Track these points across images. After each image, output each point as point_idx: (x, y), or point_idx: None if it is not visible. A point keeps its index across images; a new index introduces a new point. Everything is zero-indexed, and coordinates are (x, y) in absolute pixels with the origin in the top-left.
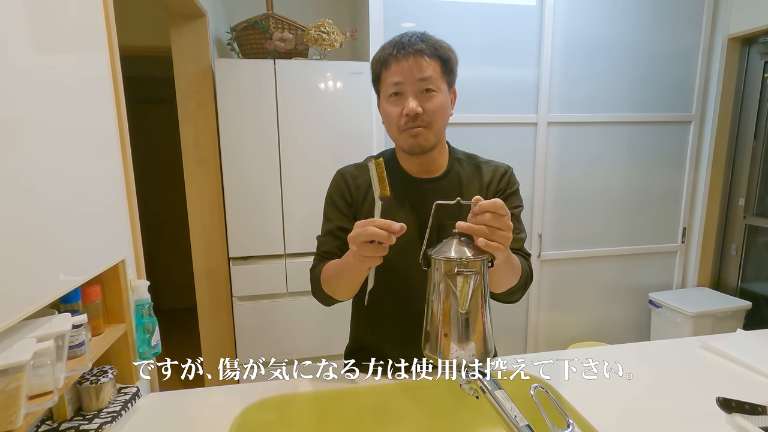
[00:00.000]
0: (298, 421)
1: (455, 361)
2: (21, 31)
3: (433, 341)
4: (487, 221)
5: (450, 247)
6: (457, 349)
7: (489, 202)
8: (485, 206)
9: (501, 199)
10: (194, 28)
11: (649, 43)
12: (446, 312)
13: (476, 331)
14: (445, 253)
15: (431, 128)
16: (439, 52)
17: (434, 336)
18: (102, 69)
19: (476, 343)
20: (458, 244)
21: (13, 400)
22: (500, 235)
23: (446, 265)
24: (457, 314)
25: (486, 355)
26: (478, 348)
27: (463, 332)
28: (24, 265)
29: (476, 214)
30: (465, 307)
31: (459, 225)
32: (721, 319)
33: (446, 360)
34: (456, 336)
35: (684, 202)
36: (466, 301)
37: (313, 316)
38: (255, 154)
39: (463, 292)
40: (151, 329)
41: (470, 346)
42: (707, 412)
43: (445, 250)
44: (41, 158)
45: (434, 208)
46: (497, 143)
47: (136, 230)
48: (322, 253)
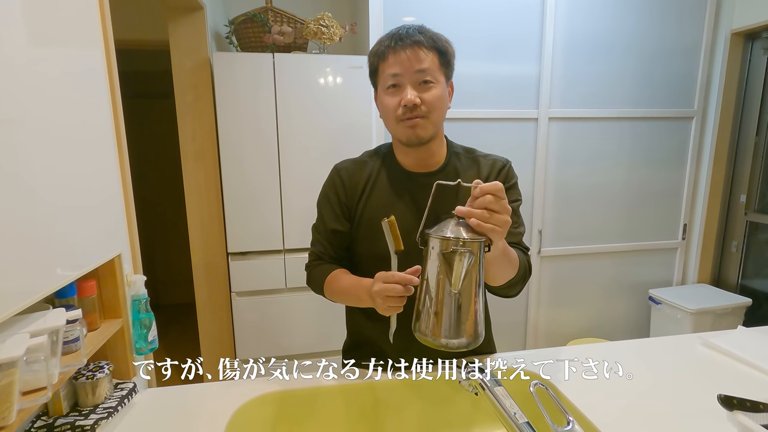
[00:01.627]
0: (295, 417)
1: (443, 344)
2: (15, 24)
3: (424, 321)
4: (487, 203)
5: (447, 227)
6: (447, 330)
7: (489, 185)
8: (486, 188)
9: None
10: (192, 21)
11: (651, 39)
12: (439, 292)
13: (468, 312)
14: (441, 232)
15: (429, 119)
16: (437, 44)
17: (425, 316)
18: (97, 63)
19: (467, 325)
20: (455, 225)
21: (6, 396)
22: (498, 218)
23: (442, 244)
24: (449, 294)
25: (476, 338)
26: (469, 330)
27: (455, 313)
28: (18, 259)
29: (476, 197)
30: (458, 286)
31: (458, 209)
32: (721, 316)
33: (436, 341)
34: (447, 316)
35: (685, 198)
36: (459, 281)
37: (311, 312)
38: (253, 149)
39: (456, 271)
40: (148, 324)
41: (461, 328)
42: (708, 409)
43: (441, 229)
44: (35, 152)
45: (434, 188)
46: (498, 138)
47: (133, 225)
48: (317, 253)
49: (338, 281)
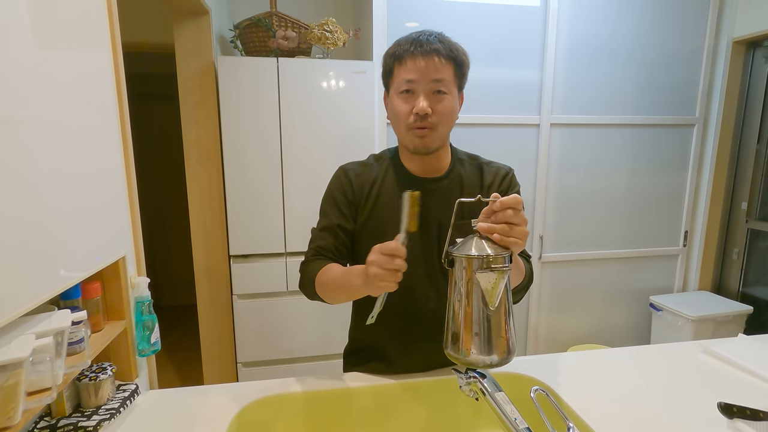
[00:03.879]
0: (296, 420)
1: (477, 362)
2: (23, 26)
3: (457, 342)
4: (508, 218)
5: (471, 245)
6: (482, 349)
7: (509, 198)
8: (506, 203)
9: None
10: (197, 25)
11: (653, 46)
12: (471, 311)
13: (502, 329)
14: (468, 251)
15: (437, 130)
16: (455, 54)
17: (459, 336)
18: (104, 65)
19: (501, 342)
20: (479, 241)
21: (12, 397)
22: (518, 231)
23: (475, 263)
24: (482, 313)
25: (510, 354)
26: (502, 347)
27: (489, 331)
28: (23, 261)
29: (496, 211)
30: (494, 304)
31: (480, 226)
32: (722, 323)
33: (470, 359)
34: (481, 336)
35: (686, 205)
36: (496, 299)
37: (312, 316)
38: (257, 152)
39: (495, 290)
40: (151, 326)
41: (496, 345)
42: (708, 416)
43: (467, 248)
44: (41, 154)
45: (456, 206)
46: (499, 144)
47: (137, 227)
48: (317, 248)
49: (330, 272)
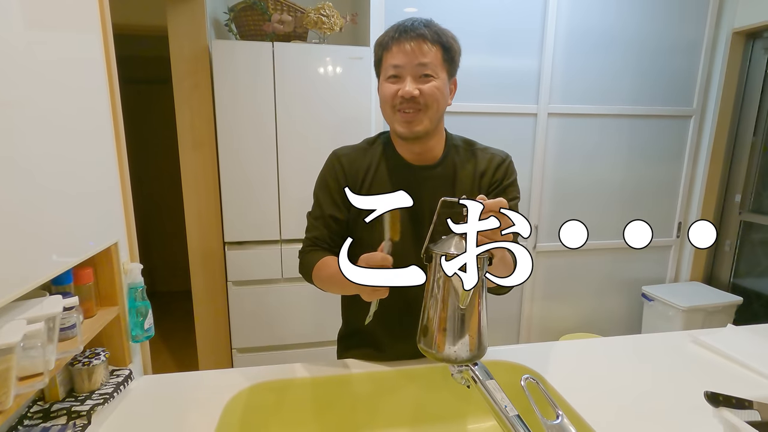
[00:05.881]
0: (290, 405)
1: (450, 357)
2: (11, 8)
3: (429, 336)
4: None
5: (451, 243)
6: (452, 345)
7: (492, 203)
8: (489, 207)
9: (497, 191)
10: (191, 7)
11: (653, 36)
12: (444, 308)
13: (472, 327)
14: (446, 249)
15: (426, 112)
16: (442, 38)
17: (430, 331)
18: (95, 48)
19: (471, 340)
20: (459, 241)
21: (3, 382)
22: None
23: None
24: (455, 310)
25: (481, 351)
26: (473, 344)
27: (460, 328)
28: (15, 246)
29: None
30: (465, 303)
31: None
32: (712, 313)
33: (440, 354)
34: (452, 332)
35: (681, 196)
36: (467, 298)
37: (307, 302)
38: (252, 138)
39: (467, 290)
40: (144, 312)
41: (465, 341)
42: (695, 405)
43: (446, 246)
44: (32, 137)
45: (439, 205)
46: (496, 133)
47: (130, 213)
48: (312, 239)
49: (327, 267)
